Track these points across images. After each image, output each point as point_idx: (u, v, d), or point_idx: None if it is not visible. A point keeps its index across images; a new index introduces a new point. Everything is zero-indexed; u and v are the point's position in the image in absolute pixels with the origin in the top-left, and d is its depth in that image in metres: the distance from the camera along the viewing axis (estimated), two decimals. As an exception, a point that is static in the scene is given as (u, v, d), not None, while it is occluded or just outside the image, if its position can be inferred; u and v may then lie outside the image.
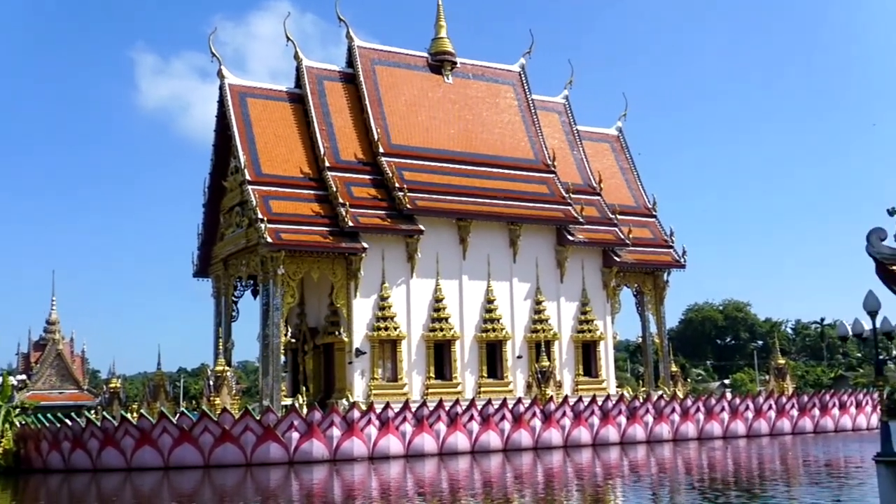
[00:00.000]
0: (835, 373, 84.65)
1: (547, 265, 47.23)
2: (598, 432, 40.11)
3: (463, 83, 49.61)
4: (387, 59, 47.99)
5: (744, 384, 77.86)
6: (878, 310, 13.95)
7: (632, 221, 50.53)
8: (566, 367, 46.84)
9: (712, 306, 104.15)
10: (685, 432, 42.38)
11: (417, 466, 31.97)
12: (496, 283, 45.59)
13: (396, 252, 43.20)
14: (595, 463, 32.20)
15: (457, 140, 47.09)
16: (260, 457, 33.76)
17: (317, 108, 44.69)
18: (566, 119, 53.06)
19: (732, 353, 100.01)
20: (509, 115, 49.76)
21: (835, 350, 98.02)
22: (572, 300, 47.83)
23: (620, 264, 49.18)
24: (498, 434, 37.91)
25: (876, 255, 13.44)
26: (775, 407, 45.75)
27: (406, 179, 43.72)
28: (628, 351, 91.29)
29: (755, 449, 37.06)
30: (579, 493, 22.92)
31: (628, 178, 54.31)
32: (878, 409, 48.47)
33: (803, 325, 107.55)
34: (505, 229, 46.10)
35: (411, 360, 42.84)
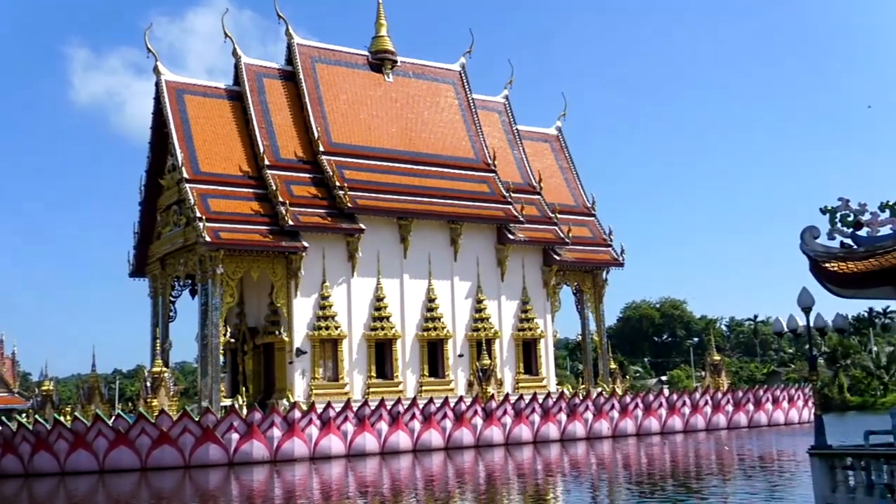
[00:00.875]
0: (768, 368, 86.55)
1: (488, 264, 47.43)
2: (538, 430, 40.42)
3: (403, 82, 49.55)
4: (327, 58, 47.70)
5: (680, 381, 79.18)
6: (812, 306, 14.26)
7: (571, 220, 51.02)
8: (507, 365, 47.10)
9: (650, 304, 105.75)
10: (624, 428, 42.95)
11: (359, 466, 31.85)
12: (437, 282, 45.64)
13: (337, 251, 42.96)
14: (536, 460, 32.44)
15: (398, 139, 47.01)
16: (199, 458, 33.28)
17: (256, 106, 44.22)
18: (506, 118, 53.34)
19: (669, 350, 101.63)
20: (450, 114, 49.84)
21: (767, 346, 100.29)
22: (513, 299, 48.11)
23: (560, 263, 49.61)
24: (440, 433, 37.97)
25: (810, 252, 13.73)
26: (711, 402, 46.63)
27: (347, 178, 43.51)
28: (568, 349, 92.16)
29: (692, 444, 37.73)
30: (520, 491, 23.06)
31: (568, 178, 54.82)
32: (808, 403, 49.80)
33: (737, 323, 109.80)
34: (446, 228, 46.18)
35: (352, 359, 42.66)
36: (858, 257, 13.54)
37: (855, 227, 13.84)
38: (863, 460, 13.62)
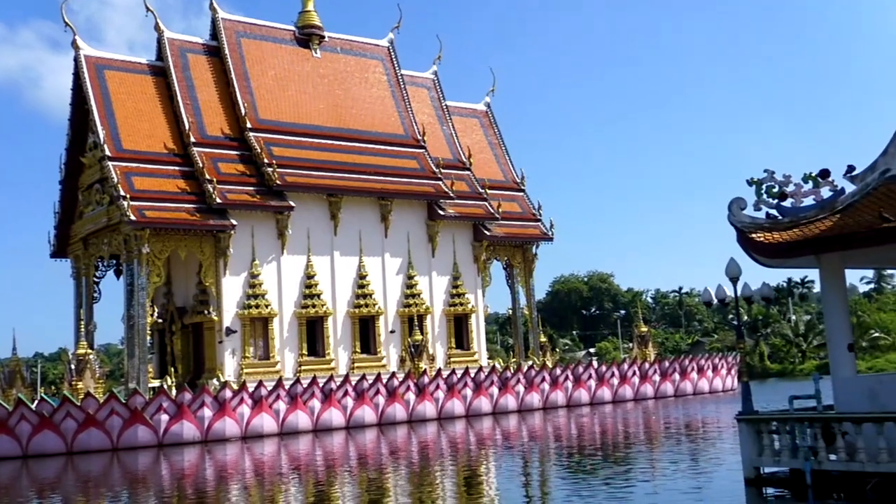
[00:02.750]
0: (692, 339, 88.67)
1: (418, 240, 47.46)
2: (471, 403, 40.76)
3: (331, 57, 49.02)
4: (252, 32, 46.88)
5: (608, 352, 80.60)
6: (739, 276, 14.67)
7: (501, 196, 51.31)
8: (439, 340, 47.33)
9: (578, 278, 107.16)
10: (555, 400, 43.60)
11: (292, 444, 31.71)
12: (368, 259, 45.51)
13: (266, 229, 42.49)
14: (469, 434, 32.73)
15: (326, 115, 46.57)
16: (127, 441, 32.74)
17: (180, 82, 43.29)
18: (435, 94, 53.23)
19: (597, 322, 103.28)
20: (379, 90, 49.53)
21: (692, 317, 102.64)
22: (444, 274, 48.28)
23: (490, 238, 49.91)
24: (372, 409, 38.01)
25: (737, 223, 14.10)
26: (639, 373, 47.63)
27: (275, 155, 42.98)
28: (498, 323, 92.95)
29: (620, 413, 38.50)
30: (453, 464, 23.27)
31: (497, 153, 55.06)
32: (731, 371, 51.23)
33: (663, 295, 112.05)
34: (376, 205, 46.01)
35: (283, 337, 42.35)
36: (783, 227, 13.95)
37: (780, 198, 14.26)
38: (787, 424, 14.11)
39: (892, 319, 71.47)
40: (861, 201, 13.94)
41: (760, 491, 14.43)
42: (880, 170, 14.15)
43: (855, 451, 13.05)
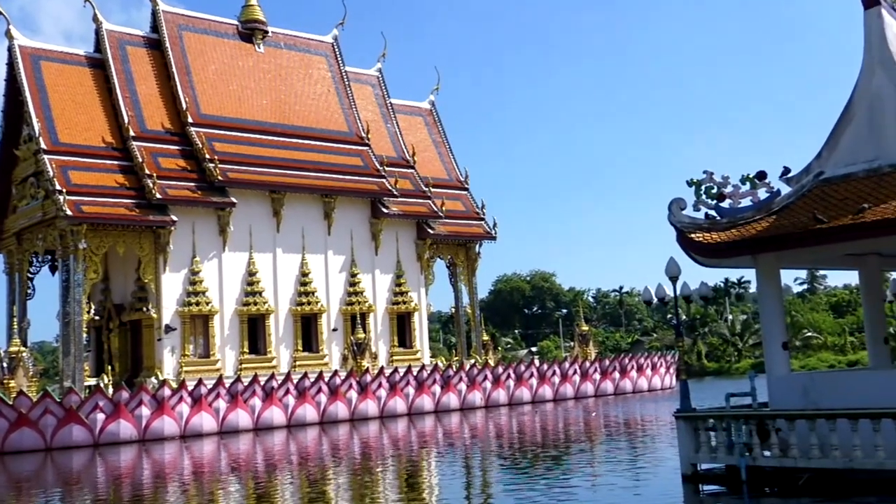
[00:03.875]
0: (632, 338, 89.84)
1: (362, 238, 47.29)
2: (413, 402, 40.75)
3: (275, 53, 48.57)
4: (194, 26, 46.21)
5: (550, 351, 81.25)
6: (679, 275, 14.91)
7: (445, 194, 51.37)
8: (381, 338, 47.22)
9: (520, 277, 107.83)
10: (497, 398, 43.82)
11: (232, 443, 31.36)
12: (311, 256, 45.21)
13: (208, 225, 41.95)
14: (411, 432, 32.72)
15: (269, 111, 46.13)
16: (62, 440, 32.05)
17: (119, 75, 42.48)
18: (379, 92, 53.07)
19: (539, 321, 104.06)
20: (322, 86, 49.23)
21: (632, 316, 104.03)
22: (387, 272, 48.18)
23: (434, 236, 49.96)
24: (314, 407, 37.79)
25: (677, 223, 14.33)
26: (580, 371, 48.12)
27: (217, 151, 42.46)
28: (441, 321, 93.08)
29: (561, 412, 38.85)
30: (395, 463, 23.25)
31: (441, 152, 55.12)
32: (670, 370, 52.06)
33: (604, 294, 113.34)
34: (319, 202, 45.73)
35: (224, 335, 41.86)
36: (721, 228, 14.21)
37: (718, 199, 14.53)
38: (724, 422, 14.37)
39: (824, 319, 73.32)
40: (796, 203, 14.27)
41: (697, 487, 14.68)
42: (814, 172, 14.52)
43: (788, 447, 13.34)
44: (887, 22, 14.09)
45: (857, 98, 14.37)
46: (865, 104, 14.23)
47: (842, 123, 14.49)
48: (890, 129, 13.86)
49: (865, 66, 14.29)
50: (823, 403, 13.46)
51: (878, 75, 14.07)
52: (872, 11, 14.17)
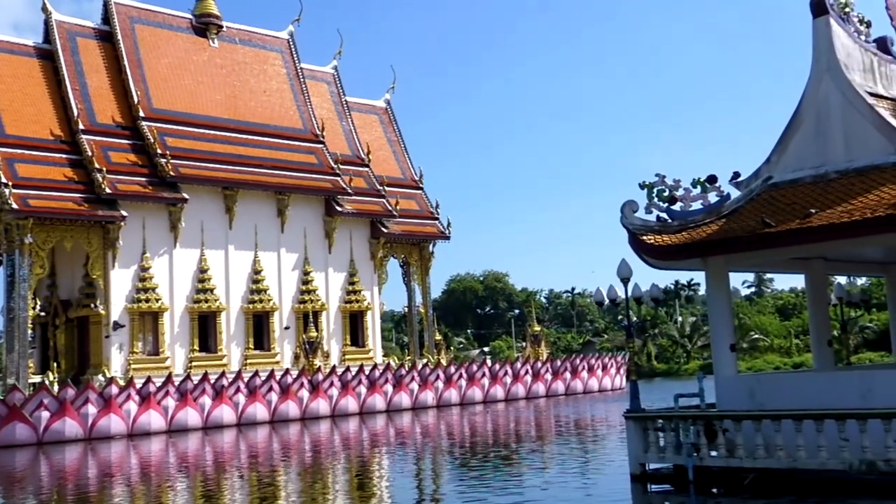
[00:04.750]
0: (583, 338, 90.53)
1: (315, 236, 47.04)
2: (364, 401, 40.65)
3: (229, 48, 48.11)
4: (147, 19, 45.57)
5: (502, 351, 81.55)
6: (630, 277, 15.06)
7: (399, 193, 51.32)
8: (334, 337, 47.03)
9: (473, 277, 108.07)
10: (448, 398, 43.87)
11: (181, 442, 30.99)
12: (263, 254, 44.86)
13: (158, 221, 41.40)
14: (362, 431, 32.63)
15: (223, 106, 45.67)
16: (4, 439, 31.38)
17: (69, 67, 41.74)
18: (335, 89, 52.86)
19: (492, 321, 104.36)
20: (277, 83, 48.88)
21: (584, 317, 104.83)
22: (340, 271, 47.99)
23: (388, 235, 49.88)
24: (265, 406, 37.50)
25: (629, 225, 14.48)
26: (531, 372, 48.37)
27: (169, 146, 41.92)
28: (394, 321, 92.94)
29: (513, 412, 39.02)
30: (346, 462, 23.16)
31: (396, 151, 55.05)
32: (620, 370, 52.57)
33: (556, 295, 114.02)
34: (273, 199, 45.39)
35: (174, 332, 41.34)
36: (672, 231, 14.38)
37: (670, 202, 14.71)
38: (672, 422, 14.55)
39: (770, 322, 74.56)
40: (745, 207, 14.50)
41: (645, 487, 14.84)
42: (763, 177, 14.76)
43: (734, 447, 13.55)
44: (835, 31, 14.37)
45: (806, 105, 14.64)
46: (813, 111, 14.50)
47: (790, 129, 14.75)
48: (837, 136, 14.14)
49: (813, 74, 14.57)
50: (769, 405, 13.69)
51: (825, 83, 14.35)
52: (821, 20, 14.44)
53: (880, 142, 13.50)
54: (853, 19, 14.84)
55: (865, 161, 13.62)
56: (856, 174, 13.62)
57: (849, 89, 14.09)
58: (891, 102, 14.55)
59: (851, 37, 14.64)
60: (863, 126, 13.83)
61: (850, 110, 14.02)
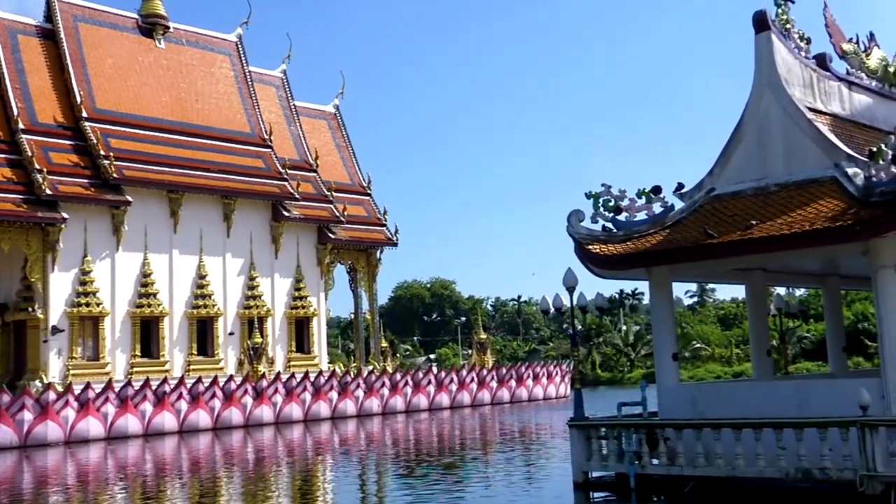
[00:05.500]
0: (529, 346, 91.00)
1: (262, 241, 46.61)
2: (309, 408, 40.33)
3: (176, 49, 47.50)
4: (91, 17, 44.78)
5: (448, 359, 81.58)
6: (576, 286, 15.18)
7: (347, 199, 51.10)
8: (279, 343, 46.60)
9: (420, 284, 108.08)
10: (394, 405, 43.73)
11: (120, 449, 30.41)
12: (209, 258, 44.30)
13: (101, 224, 40.65)
14: (307, 438, 32.38)
15: (169, 108, 45.05)
16: (-64, 446, 30.52)
17: (9, 65, 40.79)
18: (283, 94, 52.50)
19: (438, 329, 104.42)
20: (225, 85, 48.38)
21: (530, 325, 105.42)
22: (286, 276, 47.61)
23: (335, 241, 49.63)
24: (208, 412, 36.98)
25: (575, 235, 14.61)
26: (477, 379, 48.46)
27: (113, 147, 41.20)
28: (340, 327, 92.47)
29: (458, 419, 39.05)
30: (289, 470, 22.96)
31: (344, 156, 54.84)
32: (565, 379, 52.94)
33: (502, 303, 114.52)
34: (219, 203, 44.87)
35: (115, 337, 40.59)
36: (618, 240, 14.54)
37: (616, 211, 14.88)
38: (615, 430, 14.68)
39: (712, 331, 75.73)
40: (688, 218, 14.72)
41: (588, 494, 14.95)
42: (706, 189, 15.00)
43: (675, 455, 13.71)
44: (777, 47, 14.67)
45: (747, 118, 14.91)
46: (755, 125, 14.78)
47: (733, 142, 15.01)
48: (777, 150, 14.43)
49: (755, 88, 14.85)
50: (710, 413, 13.89)
51: (766, 97, 14.63)
52: (763, 36, 14.74)
53: (819, 156, 13.80)
54: (794, 36, 15.16)
55: (804, 175, 13.92)
56: (795, 187, 13.91)
57: (789, 104, 14.39)
58: (829, 118, 14.90)
59: (792, 53, 14.96)
60: (802, 140, 14.13)
61: (791, 125, 14.32)
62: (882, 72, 16.40)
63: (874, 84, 16.24)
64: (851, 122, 15.45)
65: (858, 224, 12.25)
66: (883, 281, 12.64)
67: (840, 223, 12.42)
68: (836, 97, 15.43)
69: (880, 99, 16.33)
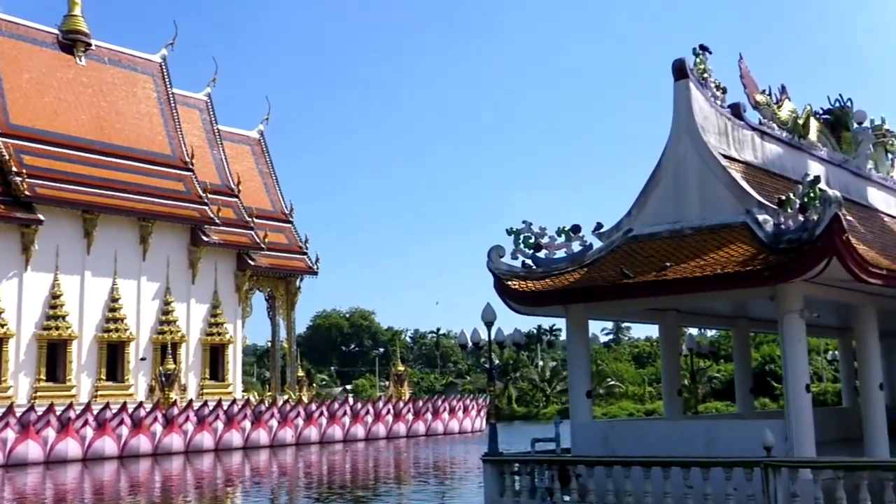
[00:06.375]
0: (446, 380, 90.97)
1: (179, 265, 45.75)
2: (221, 437, 39.50)
3: (98, 67, 46.58)
4: (9, 30, 43.66)
5: (365, 390, 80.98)
6: (494, 321, 15.24)
7: (268, 226, 50.62)
8: (193, 370, 45.65)
9: (339, 313, 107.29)
10: (308, 436, 43.16)
11: (19, 477, 29.23)
12: (123, 281, 43.26)
13: (9, 242, 39.38)
14: (216, 468, 31.68)
15: (88, 127, 44.07)
16: None
17: (-80, 74, 39.48)
18: (207, 117, 51.90)
19: (356, 359, 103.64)
20: (147, 106, 47.60)
21: (448, 358, 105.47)
22: (203, 302, 46.77)
23: (255, 268, 49.04)
24: (114, 440, 35.89)
25: (495, 270, 14.69)
26: (393, 411, 48.19)
27: (26, 164, 40.07)
28: (256, 355, 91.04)
29: (372, 452, 38.73)
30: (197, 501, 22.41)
31: (267, 183, 54.39)
32: (480, 413, 53.03)
33: (421, 335, 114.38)
34: (136, 225, 43.95)
35: (19, 360, 39.20)
36: (537, 277, 14.69)
37: (535, 248, 15.04)
38: (528, 466, 14.72)
39: (626, 369, 76.93)
40: (606, 257, 14.96)
41: (500, 530, 14.91)
42: (624, 229, 15.28)
43: (587, 492, 13.80)
44: (694, 94, 15.11)
45: (665, 162, 15.28)
46: (672, 169, 15.16)
47: (650, 185, 15.35)
48: (693, 194, 14.81)
49: (673, 133, 15.24)
50: (621, 451, 14.05)
51: (683, 142, 15.04)
52: (682, 83, 15.16)
53: (731, 202, 14.20)
54: (711, 85, 15.64)
55: (718, 219, 14.30)
56: (709, 231, 14.28)
57: (705, 150, 14.81)
58: (742, 165, 15.37)
59: (709, 101, 15.43)
60: (716, 186, 14.53)
61: (706, 170, 14.72)
62: (792, 123, 17.02)
63: (785, 135, 16.83)
64: (763, 171, 15.96)
65: (767, 269, 12.62)
66: (789, 325, 13.02)
67: (749, 268, 12.78)
68: (749, 146, 15.95)
69: (790, 149, 16.93)
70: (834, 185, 15.11)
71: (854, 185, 18.15)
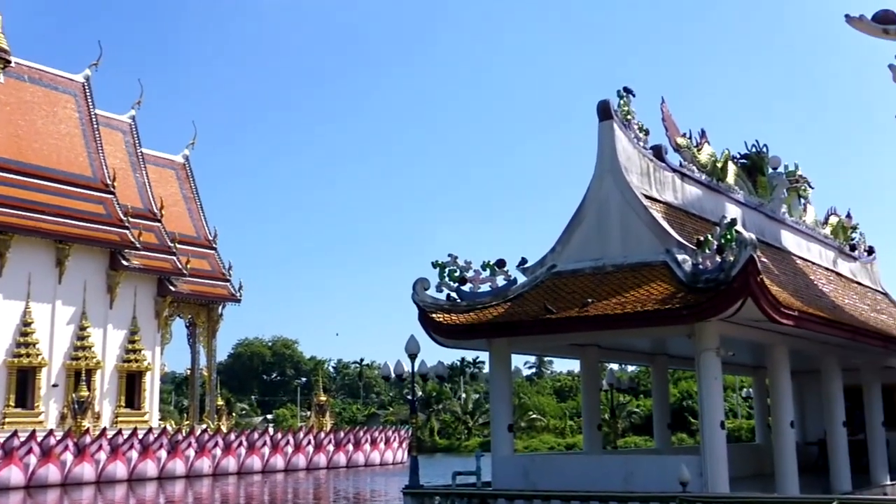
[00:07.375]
0: (369, 410, 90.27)
1: (96, 289, 44.64)
2: (135, 467, 38.45)
3: (16, 85, 45.43)
4: (-74, 44, 42.41)
5: (286, 419, 79.84)
6: (418, 353, 15.30)
7: (191, 252, 49.83)
8: (108, 397, 44.45)
9: (262, 342, 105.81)
10: (226, 466, 42.31)
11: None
12: (36, 305, 41.99)
13: (-84, 261, 37.97)
14: (128, 499, 30.80)
15: (3, 145, 42.87)
16: None
17: None
18: (131, 140, 51.01)
19: (278, 388, 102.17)
20: (68, 126, 46.57)
21: (371, 389, 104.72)
22: (121, 328, 45.67)
23: (175, 294, 48.15)
24: (21, 469, 34.60)
25: (420, 302, 14.78)
26: (314, 442, 47.61)
27: (-63, 181, 38.79)
28: (175, 383, 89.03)
29: (292, 483, 38.17)
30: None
31: (191, 208, 53.62)
32: (402, 444, 52.76)
33: (344, 365, 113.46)
34: (52, 247, 42.79)
35: (-78, 385, 37.65)
36: (461, 310, 14.81)
37: (460, 282, 15.17)
38: (449, 499, 14.74)
39: (548, 403, 77.42)
40: (530, 292, 15.16)
41: (419, 564, 14.84)
42: (548, 265, 15.52)
43: (507, 525, 13.87)
44: (618, 135, 15.50)
45: (589, 201, 15.61)
46: (595, 207, 15.48)
47: (574, 222, 15.65)
48: (615, 232, 15.14)
49: (597, 173, 15.60)
50: (541, 484, 14.17)
51: (606, 182, 15.39)
52: (606, 124, 15.55)
53: (652, 241, 14.56)
54: (634, 126, 16.06)
55: (639, 258, 14.64)
56: (630, 269, 14.60)
57: (627, 190, 15.18)
58: (663, 206, 15.78)
59: (632, 142, 15.83)
60: (638, 225, 14.89)
61: (628, 210, 15.08)
62: (711, 167, 17.58)
63: (704, 177, 17.36)
64: (683, 212, 16.42)
65: (685, 308, 12.95)
66: (705, 362, 13.36)
67: (668, 306, 13.10)
68: (670, 187, 16.40)
69: (709, 192, 17.46)
70: (750, 228, 15.63)
71: (769, 228, 18.79)
